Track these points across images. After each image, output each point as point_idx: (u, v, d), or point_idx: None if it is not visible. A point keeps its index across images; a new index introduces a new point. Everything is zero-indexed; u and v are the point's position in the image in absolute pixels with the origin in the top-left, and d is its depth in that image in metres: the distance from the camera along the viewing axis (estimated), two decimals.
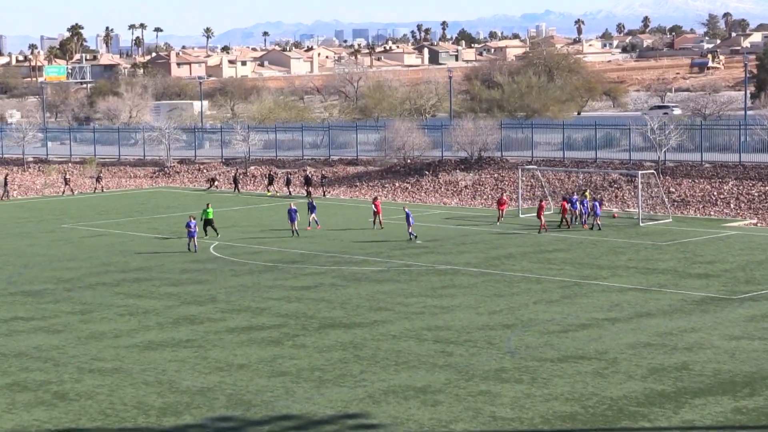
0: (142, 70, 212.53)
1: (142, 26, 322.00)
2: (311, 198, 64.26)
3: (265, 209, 71.21)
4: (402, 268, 48.21)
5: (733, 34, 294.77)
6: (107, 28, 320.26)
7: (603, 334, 35.16)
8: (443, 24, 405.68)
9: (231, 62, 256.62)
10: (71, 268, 49.98)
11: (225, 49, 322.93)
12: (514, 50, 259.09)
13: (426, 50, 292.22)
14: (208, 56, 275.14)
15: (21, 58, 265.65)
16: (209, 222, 58.50)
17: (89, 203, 77.72)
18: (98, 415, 27.77)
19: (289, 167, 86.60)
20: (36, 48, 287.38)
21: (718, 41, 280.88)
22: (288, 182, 79.99)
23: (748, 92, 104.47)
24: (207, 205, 59.77)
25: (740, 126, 74.15)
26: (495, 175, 76.99)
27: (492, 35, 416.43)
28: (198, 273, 48.09)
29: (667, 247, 52.89)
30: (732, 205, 65.55)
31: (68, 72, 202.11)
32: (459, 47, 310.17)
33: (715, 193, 67.40)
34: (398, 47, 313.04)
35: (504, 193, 66.50)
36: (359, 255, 52.16)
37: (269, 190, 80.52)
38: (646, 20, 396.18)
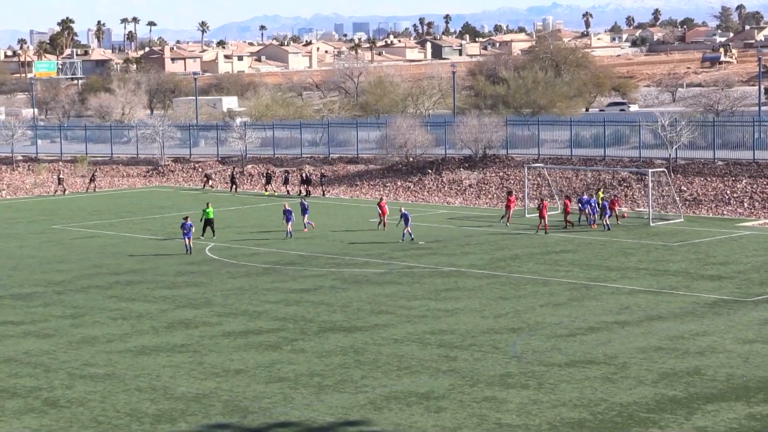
0: (135, 66, 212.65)
1: (135, 20, 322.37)
2: (303, 198, 64.24)
3: (263, 209, 71.23)
4: (404, 270, 48.23)
5: (747, 27, 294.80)
6: (99, 22, 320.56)
7: (612, 338, 35.17)
8: (446, 17, 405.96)
9: (227, 57, 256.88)
10: (62, 271, 50.01)
11: (221, 44, 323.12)
12: (520, 44, 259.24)
13: (429, 44, 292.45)
14: (203, 51, 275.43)
15: (9, 53, 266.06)
16: (209, 222, 58.57)
17: (80, 203, 77.77)
18: (90, 423, 27.79)
19: (288, 166, 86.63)
20: (25, 43, 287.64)
21: (731, 34, 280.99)
22: (286, 181, 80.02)
23: (762, 87, 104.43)
24: (207, 205, 59.83)
25: (754, 122, 74.16)
26: (500, 174, 77.00)
27: (497, 29, 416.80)
28: (193, 275, 48.12)
29: (679, 248, 52.90)
30: (746, 205, 65.55)
31: (58, 68, 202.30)
32: (463, 41, 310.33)
33: (728, 192, 67.39)
34: (400, 41, 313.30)
35: (513, 192, 65.97)
36: (360, 256, 52.17)
37: (267, 190, 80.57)
38: (657, 13, 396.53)
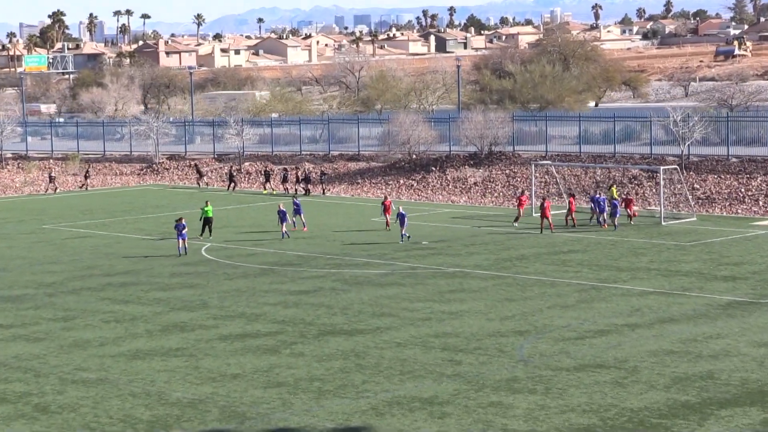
0: (129, 60, 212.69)
1: (128, 12, 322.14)
2: (294, 197, 64.22)
3: (261, 208, 71.26)
4: (407, 271, 48.24)
5: (762, 19, 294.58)
6: (91, 15, 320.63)
7: (622, 341, 35.17)
8: (451, 9, 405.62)
9: (223, 51, 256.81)
10: (53, 272, 50.04)
11: (217, 37, 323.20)
12: (527, 37, 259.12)
13: (432, 37, 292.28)
14: (199, 45, 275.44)
15: None
16: (208, 221, 58.63)
17: (72, 202, 77.81)
18: (82, 429, 27.81)
19: (286, 163, 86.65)
20: (15, 36, 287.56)
21: (746, 27, 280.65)
22: (284, 179, 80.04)
23: None
24: (206, 203, 59.90)
25: None
26: (506, 171, 77.01)
27: (503, 21, 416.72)
28: (189, 277, 48.14)
29: (691, 248, 52.89)
30: (761, 203, 65.54)
31: (49, 62, 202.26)
32: (468, 34, 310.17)
33: (743, 190, 67.38)
34: (402, 34, 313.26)
35: (524, 191, 65.66)
36: (361, 257, 52.19)
37: (266, 188, 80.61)
38: (669, 5, 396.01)
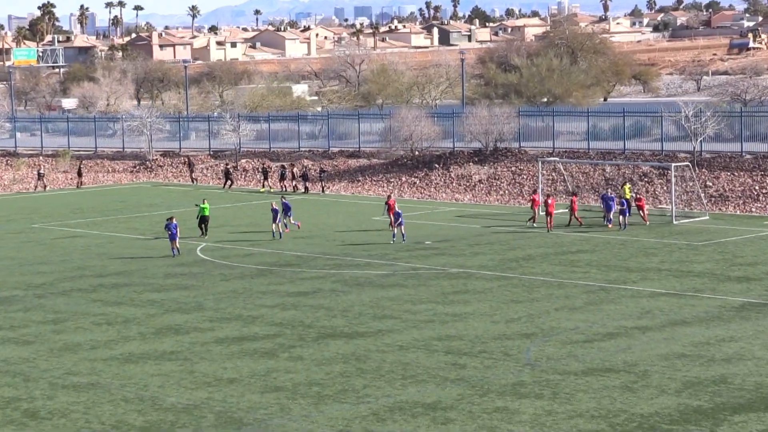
0: (121, 53, 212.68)
1: (121, 4, 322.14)
2: (283, 196, 64.27)
3: (258, 207, 71.23)
4: (409, 272, 48.24)
5: None
6: (82, 7, 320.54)
7: (632, 344, 35.17)
8: (454, 1, 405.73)
9: (219, 44, 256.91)
10: (43, 273, 50.05)
11: (213, 30, 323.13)
12: (534, 30, 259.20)
13: (435, 30, 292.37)
14: (194, 37, 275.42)
15: None
16: (204, 219, 58.71)
17: (63, 201, 77.83)
18: None
19: (284, 160, 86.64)
20: (3, 29, 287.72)
21: (760, 18, 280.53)
22: (282, 177, 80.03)
23: None
24: (203, 201, 60.00)
25: None
26: (512, 169, 76.99)
27: (509, 13, 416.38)
28: (183, 278, 48.15)
29: (704, 248, 52.88)
30: None
31: (39, 55, 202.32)
32: (472, 26, 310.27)
33: (757, 188, 67.36)
34: (405, 27, 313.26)
35: (536, 190, 65.23)
36: (362, 257, 52.20)
37: (264, 186, 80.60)
38: None
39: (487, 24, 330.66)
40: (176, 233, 53.29)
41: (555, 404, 29.20)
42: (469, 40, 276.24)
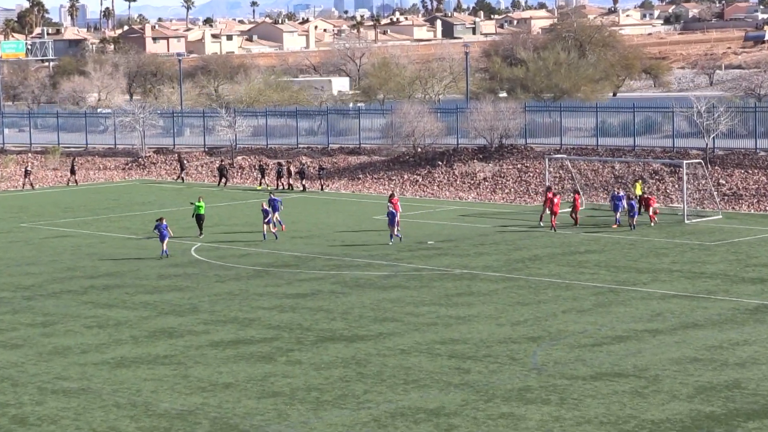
0: (113, 46, 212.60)
1: None
2: (272, 193, 64.28)
3: (254, 206, 71.21)
4: (411, 273, 48.25)
5: None
6: None
7: (643, 348, 35.18)
8: None
9: (215, 37, 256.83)
10: (31, 274, 50.06)
11: (208, 22, 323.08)
12: (540, 22, 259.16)
13: (439, 22, 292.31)
14: (189, 30, 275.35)
15: None
16: (200, 218, 58.77)
17: (52, 199, 77.84)
18: None
19: (282, 157, 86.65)
20: None
21: None
22: (279, 174, 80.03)
23: None
24: (198, 199, 60.07)
25: None
26: (518, 166, 77.00)
27: (515, 5, 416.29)
28: (177, 279, 48.15)
29: (717, 248, 52.88)
30: None
31: (27, 48, 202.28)
32: (477, 19, 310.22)
33: None
34: (407, 19, 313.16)
35: (551, 189, 64.62)
36: (362, 258, 52.21)
37: (261, 184, 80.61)
38: None
39: (492, 16, 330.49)
40: (166, 234, 53.21)
41: (562, 410, 29.20)
42: (474, 33, 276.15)
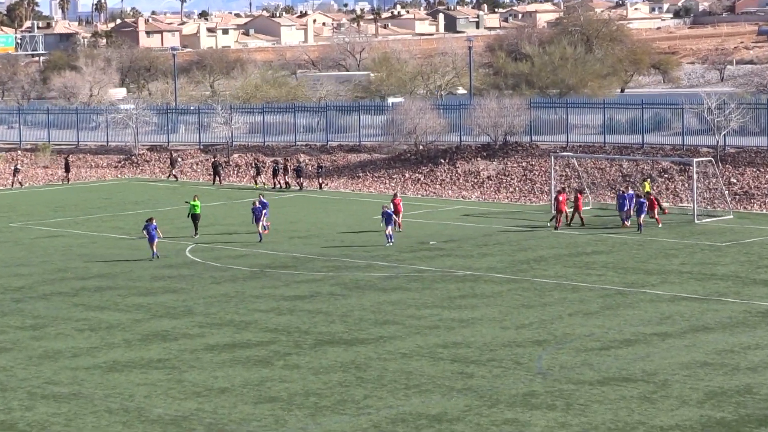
0: (105, 40, 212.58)
1: None
2: (261, 194, 64.21)
3: (251, 205, 71.18)
4: (413, 274, 48.25)
5: None
6: None
7: (651, 352, 35.16)
8: None
9: (210, 30, 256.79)
10: (21, 275, 50.05)
11: (203, 15, 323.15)
12: (546, 16, 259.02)
13: (441, 16, 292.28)
14: (183, 23, 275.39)
15: None
16: (195, 218, 58.80)
17: (43, 198, 77.84)
18: None
19: (279, 155, 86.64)
20: None
21: None
22: (275, 173, 79.98)
23: None
24: (194, 198, 60.10)
25: None
26: (523, 164, 77.00)
27: None
28: (171, 280, 48.15)
29: (728, 249, 52.87)
30: None
31: (17, 42, 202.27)
32: (480, 12, 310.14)
33: None
34: (408, 12, 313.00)
35: (564, 189, 64.23)
36: (362, 258, 52.20)
37: (257, 182, 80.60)
38: None
39: (497, 9, 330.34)
40: (155, 235, 53.09)
41: (568, 416, 29.19)
42: (477, 27, 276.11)
